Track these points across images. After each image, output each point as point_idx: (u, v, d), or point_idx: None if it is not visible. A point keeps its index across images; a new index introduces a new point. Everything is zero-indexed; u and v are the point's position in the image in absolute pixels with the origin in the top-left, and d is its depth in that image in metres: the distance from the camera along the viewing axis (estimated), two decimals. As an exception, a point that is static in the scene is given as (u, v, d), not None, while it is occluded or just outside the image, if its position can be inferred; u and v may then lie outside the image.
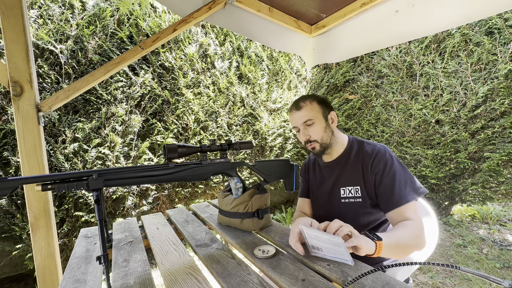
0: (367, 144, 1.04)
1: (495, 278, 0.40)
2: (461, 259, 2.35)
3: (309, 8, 1.59)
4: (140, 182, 0.81)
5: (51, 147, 2.07)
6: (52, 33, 2.10)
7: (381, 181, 0.95)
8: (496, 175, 2.55)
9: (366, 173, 0.99)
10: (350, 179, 1.03)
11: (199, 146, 0.90)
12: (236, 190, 1.00)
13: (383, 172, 0.95)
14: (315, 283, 0.63)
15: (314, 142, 1.02)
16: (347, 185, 1.03)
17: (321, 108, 1.03)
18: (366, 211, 0.99)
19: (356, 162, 1.02)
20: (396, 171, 0.94)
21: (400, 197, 0.90)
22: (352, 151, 1.05)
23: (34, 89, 1.21)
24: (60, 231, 2.11)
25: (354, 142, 1.07)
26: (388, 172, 0.94)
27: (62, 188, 0.69)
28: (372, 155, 0.98)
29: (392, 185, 0.92)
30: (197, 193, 2.99)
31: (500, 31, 2.39)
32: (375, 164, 0.97)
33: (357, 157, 1.03)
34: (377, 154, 0.98)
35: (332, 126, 1.05)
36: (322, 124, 1.02)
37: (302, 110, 1.02)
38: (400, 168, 0.95)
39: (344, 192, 1.04)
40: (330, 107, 1.06)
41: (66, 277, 0.74)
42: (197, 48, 2.90)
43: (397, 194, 0.90)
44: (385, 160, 0.96)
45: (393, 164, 0.95)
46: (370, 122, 3.39)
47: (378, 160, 0.97)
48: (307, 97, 1.05)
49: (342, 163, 1.06)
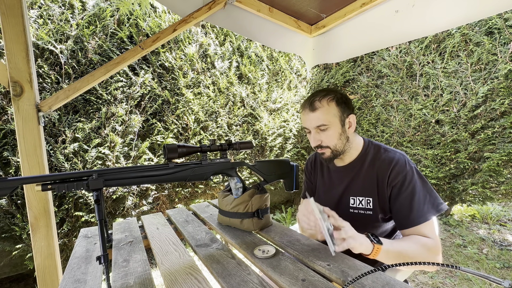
0: (385, 150, 0.94)
1: (495, 278, 0.40)
2: (461, 259, 2.35)
3: (309, 8, 1.59)
4: (140, 182, 0.81)
5: (51, 147, 2.07)
6: (52, 33, 2.10)
7: (398, 196, 0.86)
8: (496, 175, 2.55)
9: (381, 184, 0.90)
10: (362, 188, 0.94)
11: (199, 146, 0.89)
12: (236, 190, 1.00)
13: (402, 186, 0.85)
14: (315, 283, 0.63)
15: (326, 148, 0.93)
16: (358, 195, 0.95)
17: (339, 110, 0.90)
18: (375, 224, 0.94)
19: (371, 170, 0.93)
20: (416, 186, 0.85)
21: (418, 216, 0.82)
22: (367, 157, 0.96)
23: (34, 89, 1.21)
24: (60, 231, 2.11)
25: (370, 147, 0.97)
26: (407, 187, 0.85)
27: (62, 188, 0.69)
28: (390, 165, 0.88)
29: (410, 201, 0.84)
30: (197, 193, 2.99)
31: (500, 31, 2.39)
32: (393, 176, 0.87)
33: (372, 164, 0.93)
34: (396, 164, 0.88)
35: (349, 132, 0.93)
36: (337, 131, 0.90)
37: (317, 112, 0.89)
38: (420, 182, 0.86)
39: (354, 202, 0.96)
40: (350, 108, 0.93)
41: (66, 277, 0.74)
42: (197, 48, 2.90)
43: (415, 212, 0.83)
44: (404, 173, 0.86)
45: (413, 177, 0.86)
46: (370, 122, 3.39)
47: (396, 172, 0.87)
48: (325, 94, 0.91)
49: (355, 169, 0.97)
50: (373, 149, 0.97)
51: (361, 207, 0.94)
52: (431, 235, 0.82)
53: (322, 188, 1.10)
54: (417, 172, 0.88)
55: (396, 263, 0.54)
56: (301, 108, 0.97)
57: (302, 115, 0.97)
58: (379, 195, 0.91)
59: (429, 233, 0.82)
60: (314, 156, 1.17)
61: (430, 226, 0.83)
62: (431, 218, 0.83)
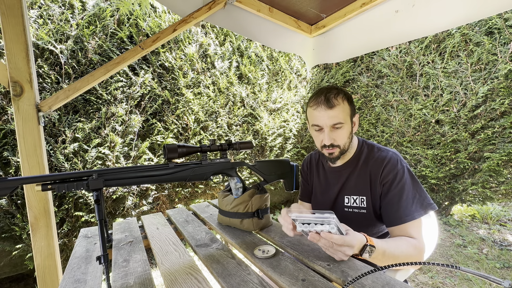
0: (378, 149, 0.95)
1: (495, 278, 0.40)
2: (461, 259, 2.35)
3: (309, 8, 1.59)
4: (140, 182, 0.81)
5: (51, 147, 2.07)
6: (52, 33, 2.10)
7: (387, 193, 0.87)
8: (496, 175, 2.55)
9: (374, 182, 0.91)
10: (356, 187, 0.96)
11: (199, 146, 0.89)
12: (236, 190, 1.00)
13: (392, 183, 0.87)
14: (315, 283, 0.63)
15: (336, 147, 0.91)
16: (352, 194, 0.96)
17: (350, 109, 0.90)
18: (370, 223, 0.94)
19: (365, 169, 0.94)
20: (406, 184, 0.86)
21: (406, 214, 0.83)
22: (361, 157, 0.97)
23: (34, 89, 1.21)
24: (60, 231, 2.11)
25: (364, 146, 0.99)
26: (397, 185, 0.86)
27: (62, 188, 0.69)
28: (383, 163, 0.90)
29: (399, 199, 0.85)
30: (197, 193, 2.99)
31: (500, 31, 2.39)
32: (384, 174, 0.88)
33: (365, 163, 0.95)
34: (388, 162, 0.89)
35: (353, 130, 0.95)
36: (348, 130, 0.90)
37: (335, 109, 0.86)
38: (410, 181, 0.87)
39: (349, 201, 0.97)
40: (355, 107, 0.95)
41: (66, 277, 0.74)
42: (197, 48, 2.90)
43: (403, 209, 0.84)
44: (396, 171, 0.87)
45: (404, 175, 0.87)
46: (370, 122, 3.39)
47: (388, 170, 0.88)
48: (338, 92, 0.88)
49: (350, 168, 0.98)
50: (366, 148, 0.98)
51: (356, 205, 0.95)
52: (416, 235, 0.83)
53: (318, 189, 1.10)
54: (409, 171, 0.89)
55: (396, 264, 0.54)
56: (314, 104, 0.90)
57: (314, 111, 0.90)
58: (372, 194, 0.92)
59: (415, 233, 0.83)
60: (309, 157, 1.17)
61: (417, 226, 0.84)
62: (419, 218, 0.83)
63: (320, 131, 0.92)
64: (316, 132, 0.93)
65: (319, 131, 0.92)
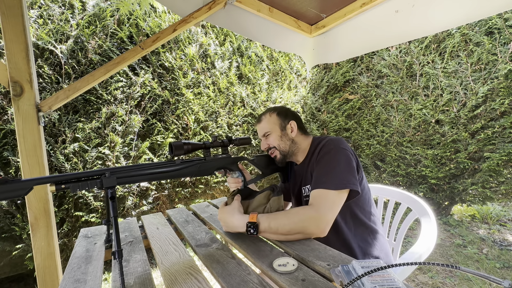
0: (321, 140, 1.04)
1: (495, 278, 0.40)
2: (461, 259, 2.35)
3: (309, 8, 1.59)
4: (150, 179, 0.83)
5: (51, 147, 2.07)
6: (52, 33, 2.10)
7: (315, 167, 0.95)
8: (496, 175, 2.56)
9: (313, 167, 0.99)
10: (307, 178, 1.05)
11: (202, 143, 0.93)
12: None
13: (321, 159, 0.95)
14: (315, 283, 0.63)
15: (273, 149, 1.08)
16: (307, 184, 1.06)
17: (279, 119, 1.09)
18: None
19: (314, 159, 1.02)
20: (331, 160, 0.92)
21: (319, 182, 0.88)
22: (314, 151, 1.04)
23: (34, 89, 1.21)
24: (60, 231, 2.11)
25: (315, 142, 1.08)
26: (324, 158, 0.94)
27: (76, 187, 0.68)
28: (318, 148, 0.99)
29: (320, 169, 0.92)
30: (197, 193, 2.99)
31: (500, 31, 2.40)
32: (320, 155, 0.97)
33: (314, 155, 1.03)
34: (323, 146, 0.98)
35: (291, 135, 1.08)
36: (278, 134, 1.08)
37: (262, 122, 1.11)
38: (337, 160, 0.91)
39: (304, 191, 1.08)
40: (290, 117, 1.10)
41: (66, 277, 0.74)
42: (197, 48, 2.90)
43: (319, 177, 0.90)
44: (327, 149, 0.95)
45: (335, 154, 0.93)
46: (370, 122, 3.39)
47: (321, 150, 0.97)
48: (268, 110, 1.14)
49: (305, 164, 1.09)
50: (317, 142, 1.07)
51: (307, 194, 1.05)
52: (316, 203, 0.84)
53: (292, 187, 1.21)
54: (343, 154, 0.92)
55: (396, 264, 0.53)
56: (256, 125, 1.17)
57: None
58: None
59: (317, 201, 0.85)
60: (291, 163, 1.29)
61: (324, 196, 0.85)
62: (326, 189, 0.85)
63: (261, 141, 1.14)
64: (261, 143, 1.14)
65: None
